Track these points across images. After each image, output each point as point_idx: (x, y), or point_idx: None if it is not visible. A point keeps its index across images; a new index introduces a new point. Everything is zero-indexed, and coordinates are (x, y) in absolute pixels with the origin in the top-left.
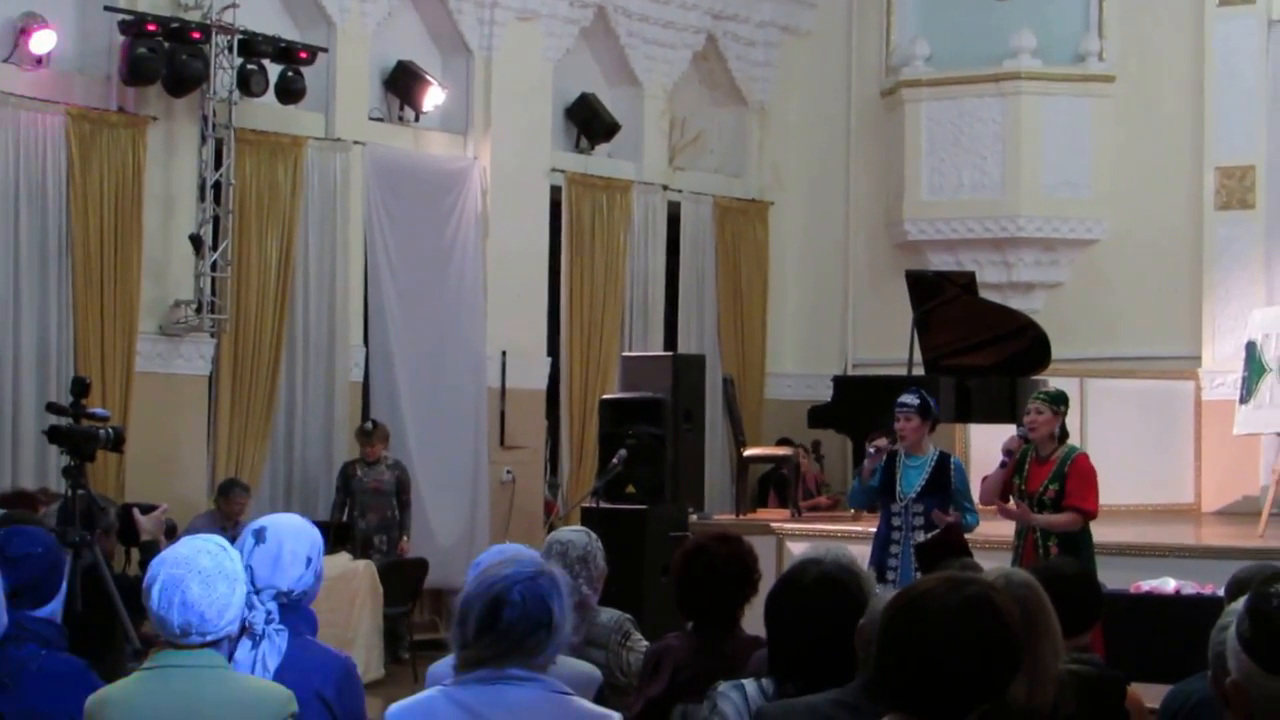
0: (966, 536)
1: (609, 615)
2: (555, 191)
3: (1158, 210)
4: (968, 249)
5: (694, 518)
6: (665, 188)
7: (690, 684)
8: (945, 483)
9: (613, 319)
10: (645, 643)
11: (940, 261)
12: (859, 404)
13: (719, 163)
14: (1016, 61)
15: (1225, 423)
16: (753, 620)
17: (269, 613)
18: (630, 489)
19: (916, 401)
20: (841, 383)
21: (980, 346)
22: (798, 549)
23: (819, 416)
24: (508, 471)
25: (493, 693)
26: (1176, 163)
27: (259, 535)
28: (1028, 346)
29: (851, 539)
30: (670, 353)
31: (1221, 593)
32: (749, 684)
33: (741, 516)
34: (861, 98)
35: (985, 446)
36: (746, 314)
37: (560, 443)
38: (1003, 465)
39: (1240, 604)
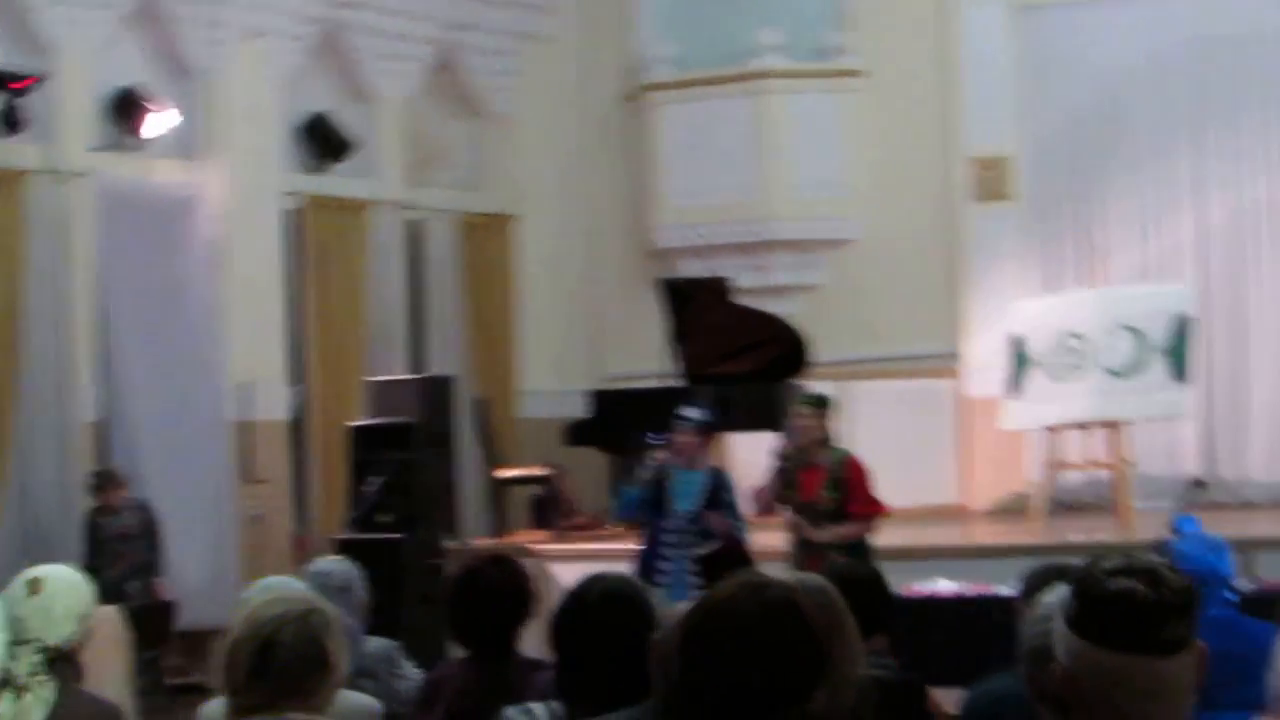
0: None
1: (376, 644)
2: (291, 214)
3: (913, 206)
4: (720, 254)
5: (450, 544)
6: (406, 205)
7: (468, 712)
8: (719, 500)
9: (358, 343)
10: (415, 670)
11: (692, 268)
12: (618, 419)
13: (460, 177)
14: (763, 60)
15: (988, 419)
16: (530, 643)
17: (34, 664)
18: (384, 517)
19: (696, 416)
20: (599, 397)
21: (739, 353)
22: (560, 570)
23: (577, 433)
24: (254, 506)
25: None
26: (930, 156)
27: (34, 586)
28: (787, 351)
29: (616, 557)
30: (419, 375)
31: (1001, 592)
32: (537, 708)
33: (499, 539)
34: (605, 104)
35: (748, 456)
36: (494, 332)
37: (309, 474)
38: (775, 474)
39: (1058, 595)
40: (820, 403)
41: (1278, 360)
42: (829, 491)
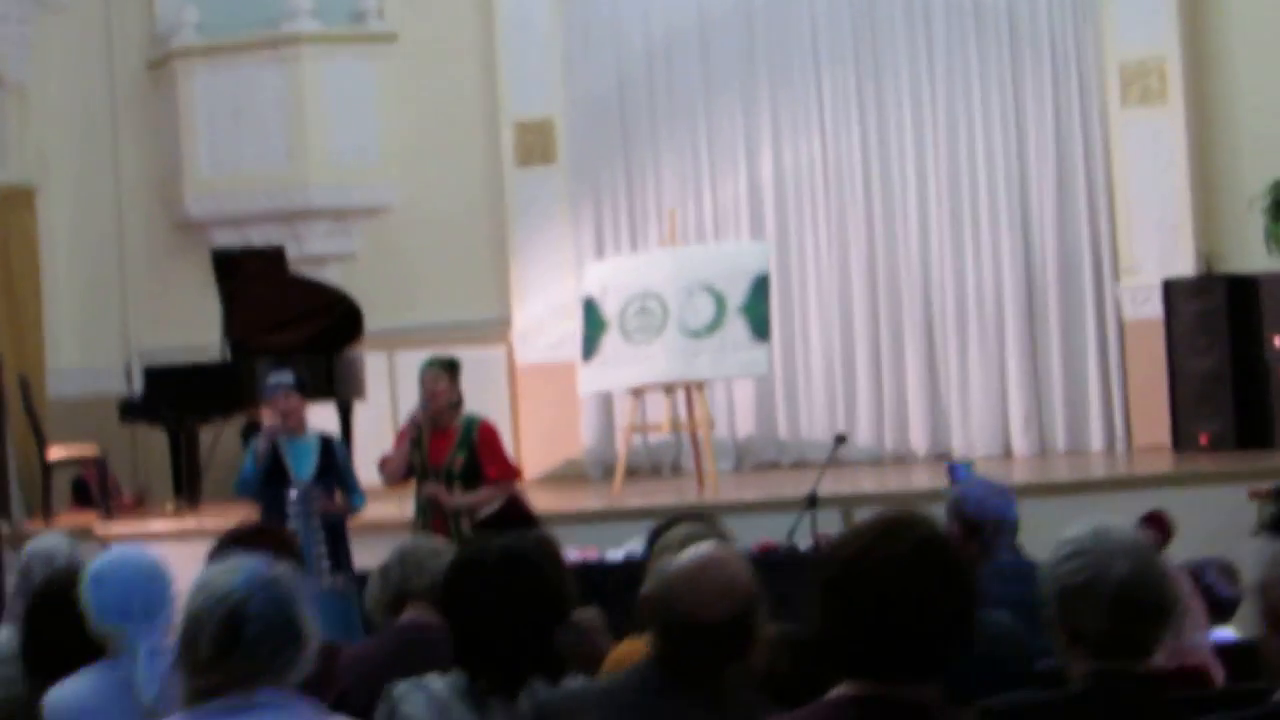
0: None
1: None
2: None
3: (455, 171)
4: (256, 224)
5: (4, 528)
6: None
7: None
8: (333, 464)
9: None
10: None
11: (226, 239)
12: (169, 395)
13: None
14: (294, 24)
15: (541, 385)
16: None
17: None
18: None
19: (289, 380)
20: (148, 374)
21: (289, 324)
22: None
23: (129, 411)
24: None
25: None
26: (471, 121)
27: None
28: (338, 321)
29: (198, 536)
30: None
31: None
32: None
33: (50, 521)
34: (127, 72)
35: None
36: (22, 309)
37: None
38: (409, 443)
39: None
40: (451, 366)
41: (836, 318)
42: (458, 453)
